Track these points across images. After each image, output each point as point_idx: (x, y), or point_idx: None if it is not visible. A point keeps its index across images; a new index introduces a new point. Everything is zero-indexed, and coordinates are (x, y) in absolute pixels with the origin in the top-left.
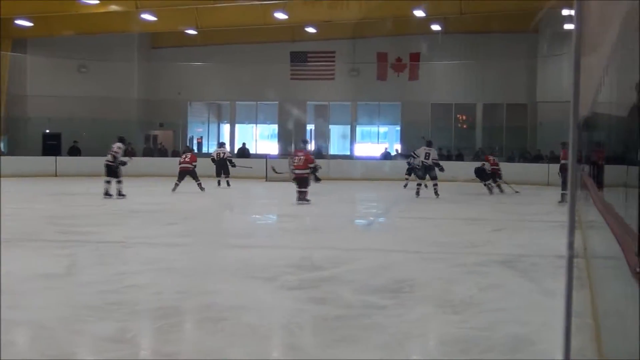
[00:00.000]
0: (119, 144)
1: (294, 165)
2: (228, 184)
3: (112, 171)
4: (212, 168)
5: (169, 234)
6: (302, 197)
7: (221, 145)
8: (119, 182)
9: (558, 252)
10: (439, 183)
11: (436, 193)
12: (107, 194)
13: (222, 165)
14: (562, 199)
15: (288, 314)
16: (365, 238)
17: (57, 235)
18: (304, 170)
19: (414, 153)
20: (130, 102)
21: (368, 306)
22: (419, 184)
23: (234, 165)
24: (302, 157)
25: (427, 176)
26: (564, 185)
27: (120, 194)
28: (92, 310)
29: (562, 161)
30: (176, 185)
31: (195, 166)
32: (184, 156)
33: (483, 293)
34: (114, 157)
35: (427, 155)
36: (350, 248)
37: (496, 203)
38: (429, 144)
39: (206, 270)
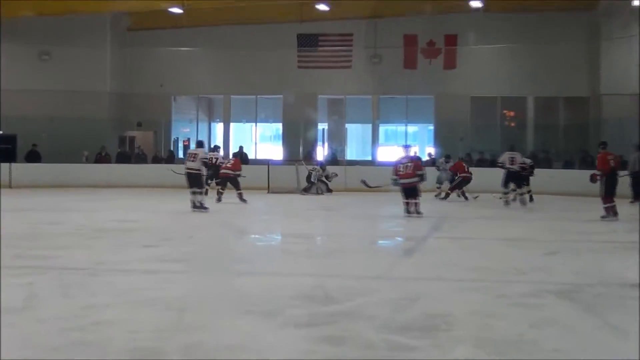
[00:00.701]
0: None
1: (399, 174)
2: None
3: (198, 181)
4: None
5: (146, 259)
6: (413, 208)
7: (215, 149)
8: (203, 193)
9: (627, 280)
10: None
11: (524, 202)
12: (197, 206)
13: (215, 173)
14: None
15: (295, 357)
16: (389, 263)
17: (11, 260)
18: (412, 179)
19: (500, 162)
20: (101, 96)
21: (394, 347)
22: (506, 193)
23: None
24: (408, 164)
25: (512, 184)
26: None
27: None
28: (54, 353)
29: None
30: (219, 193)
31: (239, 174)
32: (226, 161)
33: (535, 330)
34: (204, 164)
35: (512, 161)
36: (372, 276)
37: (547, 219)
38: (512, 148)
39: (192, 302)
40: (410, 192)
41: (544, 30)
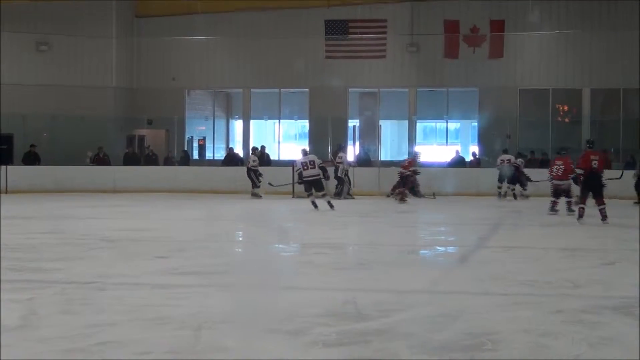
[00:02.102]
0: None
1: (552, 176)
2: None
3: (320, 185)
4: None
5: (157, 271)
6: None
7: (254, 150)
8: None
9: None
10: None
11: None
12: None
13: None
14: None
15: None
16: (428, 276)
17: (8, 274)
18: (564, 180)
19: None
20: (107, 91)
21: None
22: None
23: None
24: (560, 166)
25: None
26: None
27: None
28: None
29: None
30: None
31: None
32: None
33: (594, 350)
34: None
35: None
36: (408, 290)
37: (604, 227)
38: (506, 151)
39: (210, 320)
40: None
41: (601, 15)
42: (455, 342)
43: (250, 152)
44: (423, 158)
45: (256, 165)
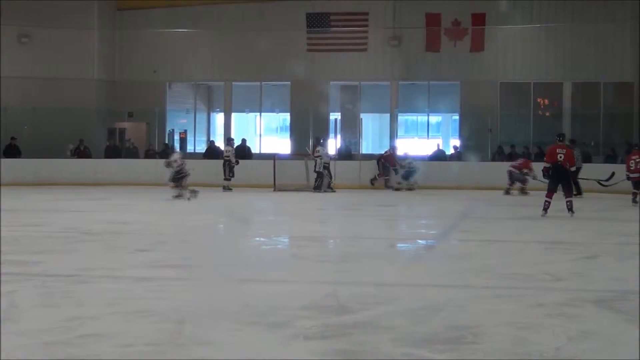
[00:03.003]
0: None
1: (631, 170)
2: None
3: None
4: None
5: (139, 264)
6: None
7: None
8: None
9: None
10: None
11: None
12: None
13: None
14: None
15: None
16: (410, 269)
17: None
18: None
19: None
20: (88, 84)
21: None
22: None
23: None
24: (638, 160)
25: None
26: None
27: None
28: None
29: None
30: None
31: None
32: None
33: (574, 344)
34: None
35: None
36: (390, 283)
37: (586, 220)
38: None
39: (191, 313)
40: None
41: (582, 9)
42: (437, 334)
43: (226, 143)
44: (402, 152)
45: (229, 157)
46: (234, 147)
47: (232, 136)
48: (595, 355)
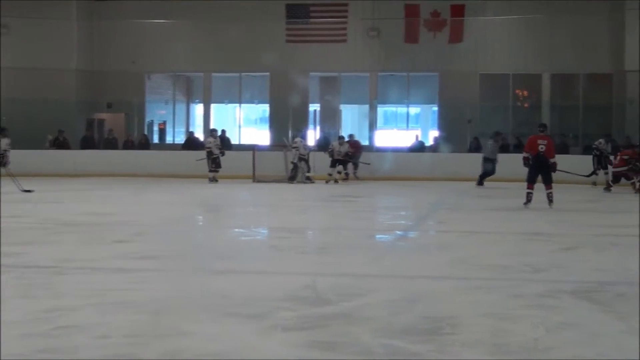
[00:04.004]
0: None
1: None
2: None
3: None
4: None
5: (118, 256)
6: None
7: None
8: None
9: None
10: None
11: None
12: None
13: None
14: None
15: None
16: (389, 260)
17: None
18: None
19: None
20: (67, 74)
21: (393, 353)
22: None
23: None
24: None
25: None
26: None
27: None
28: None
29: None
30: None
31: None
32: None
33: (552, 335)
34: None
35: None
36: (369, 274)
37: (566, 211)
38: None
39: (170, 304)
40: None
41: (561, 0)
42: (415, 326)
43: (208, 134)
44: (381, 143)
45: (211, 148)
46: (217, 138)
47: (213, 127)
48: (574, 346)
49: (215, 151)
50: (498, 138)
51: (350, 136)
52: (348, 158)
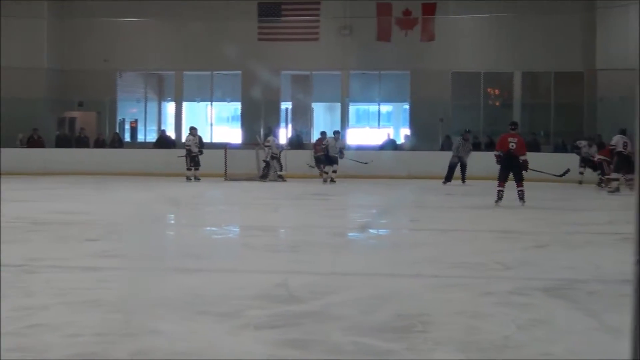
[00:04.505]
0: None
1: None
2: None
3: None
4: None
5: (88, 254)
6: None
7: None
8: None
9: (625, 276)
10: None
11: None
12: None
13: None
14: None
15: None
16: (360, 258)
17: None
18: None
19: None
20: (38, 73)
21: (365, 351)
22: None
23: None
24: None
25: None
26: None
27: None
28: None
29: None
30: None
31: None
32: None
33: (523, 332)
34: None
35: (625, 145)
36: (340, 272)
37: (536, 209)
38: (624, 132)
39: (141, 303)
40: None
41: None
42: (387, 323)
43: (188, 132)
44: (353, 141)
45: (190, 145)
46: (196, 136)
47: (185, 126)
48: (545, 343)
49: (194, 149)
50: (467, 136)
51: (323, 133)
52: (340, 155)
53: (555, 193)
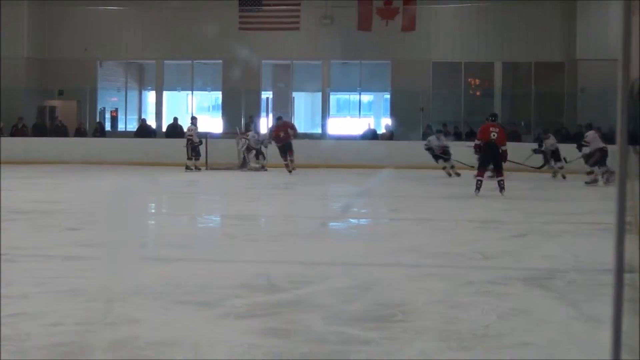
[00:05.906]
0: None
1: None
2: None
3: None
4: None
5: (68, 243)
6: None
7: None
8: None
9: (604, 266)
10: None
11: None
12: None
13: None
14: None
15: (236, 352)
16: (341, 248)
17: None
18: None
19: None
20: (17, 62)
21: (345, 341)
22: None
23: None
24: None
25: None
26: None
27: None
28: None
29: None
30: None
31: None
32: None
33: (502, 322)
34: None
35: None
36: (321, 262)
37: (516, 199)
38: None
39: (121, 292)
40: None
41: None
42: (367, 313)
43: (190, 122)
44: (333, 130)
45: (192, 136)
46: (196, 125)
47: (166, 115)
48: (524, 333)
49: (196, 139)
50: (446, 130)
51: (279, 118)
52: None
53: (534, 183)
